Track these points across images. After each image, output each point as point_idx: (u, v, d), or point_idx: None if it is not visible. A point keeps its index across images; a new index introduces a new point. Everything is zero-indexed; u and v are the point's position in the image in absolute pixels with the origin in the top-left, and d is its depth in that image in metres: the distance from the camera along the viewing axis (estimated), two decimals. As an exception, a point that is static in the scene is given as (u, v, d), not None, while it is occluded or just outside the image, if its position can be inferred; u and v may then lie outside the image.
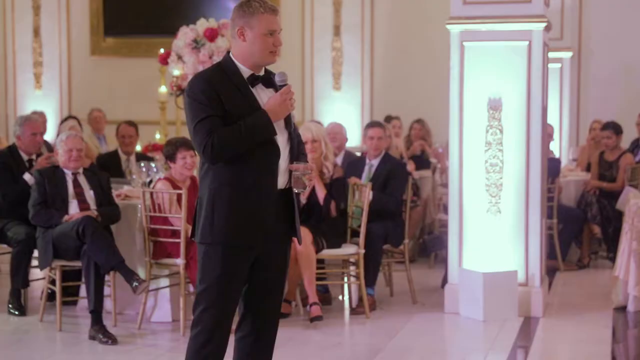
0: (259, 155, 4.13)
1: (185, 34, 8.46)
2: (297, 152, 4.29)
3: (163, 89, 9.78)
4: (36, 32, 14.19)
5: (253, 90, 4.18)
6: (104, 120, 11.88)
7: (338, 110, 12.87)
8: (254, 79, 4.18)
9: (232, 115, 4.09)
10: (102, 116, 11.89)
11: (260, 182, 4.14)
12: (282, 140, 4.20)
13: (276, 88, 4.21)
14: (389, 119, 11.54)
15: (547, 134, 8.42)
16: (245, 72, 4.18)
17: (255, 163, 4.13)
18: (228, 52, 4.25)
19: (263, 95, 4.20)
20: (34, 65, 14.23)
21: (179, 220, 6.67)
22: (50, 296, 7.16)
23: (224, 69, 4.19)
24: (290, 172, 4.20)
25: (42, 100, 14.01)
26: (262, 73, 4.22)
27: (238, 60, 4.18)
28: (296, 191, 4.21)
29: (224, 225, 4.13)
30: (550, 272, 8.88)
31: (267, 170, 4.15)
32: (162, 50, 9.31)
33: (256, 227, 4.14)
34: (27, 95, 14.22)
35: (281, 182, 4.21)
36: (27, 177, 7.33)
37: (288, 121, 4.22)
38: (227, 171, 4.13)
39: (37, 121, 7.88)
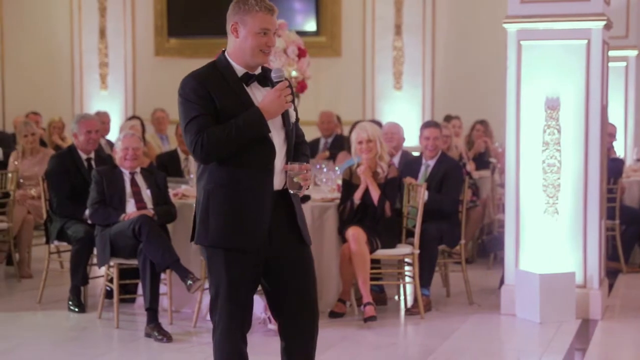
0: (254, 154, 4.01)
1: (242, 35, 8.50)
2: (298, 152, 4.18)
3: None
4: (102, 34, 14.44)
5: (248, 89, 4.07)
6: (167, 120, 12.03)
7: (399, 110, 12.84)
8: (248, 78, 4.07)
9: (226, 114, 3.99)
10: (165, 116, 12.05)
11: (256, 182, 4.02)
12: (278, 139, 4.09)
13: (273, 86, 4.07)
14: (448, 118, 11.49)
15: (608, 133, 8.29)
16: (239, 70, 4.06)
17: (250, 162, 4.01)
18: (223, 51, 4.14)
19: (258, 94, 4.07)
20: (100, 66, 14.48)
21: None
22: (109, 294, 7.27)
23: (218, 68, 4.08)
24: (287, 172, 4.08)
25: (108, 101, 14.25)
26: (257, 72, 4.10)
27: (231, 58, 4.07)
28: (291, 192, 4.08)
29: (219, 227, 4.03)
30: (612, 274, 8.76)
31: (262, 170, 4.02)
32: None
33: (253, 229, 4.03)
34: (93, 96, 14.49)
35: (278, 182, 4.09)
36: None
37: (286, 120, 4.10)
38: (221, 171, 4.02)
39: (92, 119, 7.98)
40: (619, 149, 11.05)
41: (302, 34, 9.76)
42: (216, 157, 4.02)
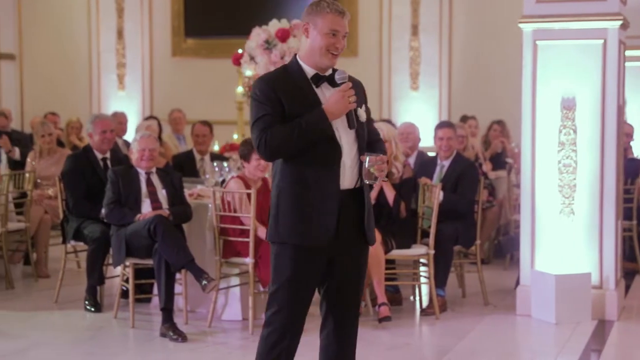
0: (320, 153, 4.12)
1: (258, 35, 8.52)
2: (374, 149, 4.24)
3: (240, 89, 9.85)
4: (120, 34, 14.49)
5: (317, 90, 4.18)
6: (184, 120, 12.06)
7: (415, 110, 12.80)
8: (318, 79, 4.19)
9: (293, 115, 4.10)
10: (182, 116, 12.07)
11: (321, 181, 4.12)
12: (347, 139, 4.17)
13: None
14: (464, 118, 11.46)
15: (625, 133, 8.26)
16: (309, 72, 4.19)
17: (317, 161, 4.12)
18: (295, 55, 4.29)
19: (328, 95, 4.19)
20: (118, 66, 14.53)
21: (249, 219, 6.72)
22: (125, 293, 7.29)
23: (288, 70, 4.23)
24: (361, 166, 4.15)
25: (125, 101, 14.29)
26: (328, 73, 4.21)
27: (303, 60, 4.20)
28: (367, 182, 4.13)
29: (286, 224, 4.16)
30: (628, 275, 8.71)
31: (328, 169, 4.12)
32: (240, 51, 9.37)
33: (319, 227, 4.13)
34: (110, 96, 14.54)
35: (348, 181, 4.18)
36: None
37: (351, 119, 4.15)
38: (291, 169, 4.15)
39: (106, 119, 8.02)
40: (637, 149, 10.99)
41: (319, 34, 9.72)
42: (279, 155, 4.15)
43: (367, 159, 4.09)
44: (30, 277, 8.81)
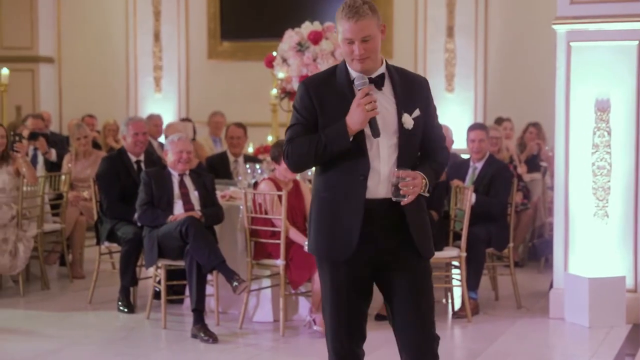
0: (347, 163, 3.90)
1: (290, 37, 8.54)
2: (428, 158, 4.01)
3: (274, 92, 9.87)
4: (156, 37, 14.59)
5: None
6: (224, 124, 12.10)
7: (451, 112, 12.73)
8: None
9: (327, 123, 3.92)
10: (223, 121, 12.08)
11: (348, 190, 3.92)
12: (388, 143, 3.91)
13: (393, 89, 3.95)
14: (499, 120, 11.38)
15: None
16: (353, 74, 3.94)
17: (344, 171, 3.91)
18: None
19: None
20: (154, 69, 14.63)
21: (280, 221, 6.73)
22: (158, 294, 7.33)
23: (336, 72, 4.03)
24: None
25: (162, 103, 14.39)
26: (376, 74, 3.93)
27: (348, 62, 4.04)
28: (394, 199, 3.89)
29: (313, 234, 4.05)
30: (665, 278, 8.61)
31: (356, 178, 3.89)
32: (274, 54, 9.38)
33: (339, 242, 3.92)
34: (147, 98, 14.64)
35: (385, 190, 3.90)
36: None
37: (374, 128, 3.86)
38: (322, 178, 3.99)
39: (139, 121, 8.07)
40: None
41: (353, 36, 9.71)
42: (301, 167, 4.07)
43: (396, 174, 3.85)
44: (65, 277, 8.90)
